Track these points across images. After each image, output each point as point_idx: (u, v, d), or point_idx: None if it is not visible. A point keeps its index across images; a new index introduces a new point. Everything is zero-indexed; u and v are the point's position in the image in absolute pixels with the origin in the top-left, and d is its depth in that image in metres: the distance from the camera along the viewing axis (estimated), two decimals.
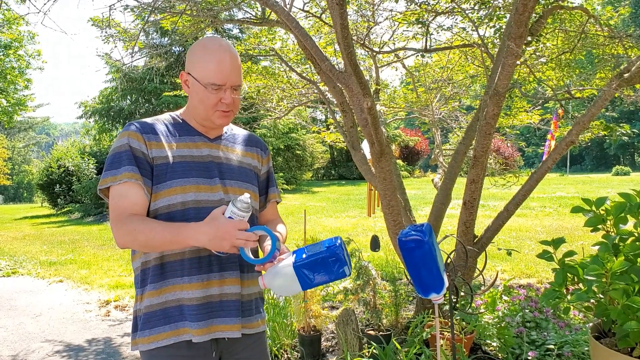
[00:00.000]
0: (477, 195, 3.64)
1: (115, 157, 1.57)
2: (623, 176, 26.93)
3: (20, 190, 49.23)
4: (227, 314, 1.61)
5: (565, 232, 9.27)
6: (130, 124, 1.63)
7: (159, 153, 1.60)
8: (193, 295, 1.57)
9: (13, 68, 21.61)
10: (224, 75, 1.59)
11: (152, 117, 1.70)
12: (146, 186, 1.57)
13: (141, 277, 1.63)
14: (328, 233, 10.06)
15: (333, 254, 1.45)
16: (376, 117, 3.15)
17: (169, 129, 1.67)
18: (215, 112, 1.63)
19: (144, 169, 1.58)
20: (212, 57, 1.59)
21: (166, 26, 4.83)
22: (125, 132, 1.60)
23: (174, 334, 1.58)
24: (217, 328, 1.60)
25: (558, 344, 3.29)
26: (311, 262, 1.46)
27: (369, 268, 4.05)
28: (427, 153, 29.71)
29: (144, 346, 1.59)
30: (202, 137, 1.70)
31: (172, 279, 1.58)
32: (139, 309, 1.63)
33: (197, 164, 1.64)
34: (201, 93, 1.61)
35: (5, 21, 19.08)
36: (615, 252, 1.90)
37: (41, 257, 9.29)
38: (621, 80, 3.25)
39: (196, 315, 1.57)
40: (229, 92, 1.61)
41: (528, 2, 2.77)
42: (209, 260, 1.60)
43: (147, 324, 1.59)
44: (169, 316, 1.58)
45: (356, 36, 4.93)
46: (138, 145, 1.58)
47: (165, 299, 1.58)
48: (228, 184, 1.67)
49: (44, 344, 4.55)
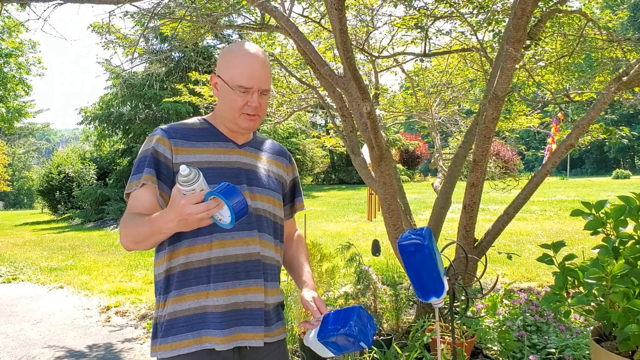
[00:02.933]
0: (477, 199, 3.64)
1: (141, 162, 1.59)
2: (623, 179, 26.91)
3: (20, 197, 49.19)
4: (252, 322, 1.60)
5: (566, 236, 9.26)
6: (158, 128, 1.64)
7: (185, 158, 1.59)
8: (218, 302, 1.56)
9: (13, 77, 21.70)
10: (252, 78, 1.59)
11: (180, 122, 1.70)
12: (161, 190, 1.57)
13: (164, 283, 1.61)
14: (328, 237, 10.05)
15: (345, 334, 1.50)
16: (376, 122, 3.16)
17: (197, 134, 1.66)
18: (241, 116, 1.62)
19: (163, 173, 1.58)
20: (242, 60, 1.60)
21: (166, 32, 4.84)
22: (152, 137, 1.62)
23: (197, 342, 1.55)
24: (241, 336, 1.58)
25: (559, 347, 3.28)
26: (329, 339, 1.53)
27: (369, 272, 4.05)
28: (427, 157, 29.70)
29: (165, 353, 1.57)
30: (230, 142, 1.69)
31: (197, 286, 1.57)
32: (160, 316, 1.61)
33: (225, 170, 1.63)
34: (229, 96, 1.61)
35: (5, 28, 19.14)
36: (616, 255, 1.89)
37: (42, 263, 9.28)
38: (620, 83, 3.25)
39: (220, 323, 1.55)
40: (256, 96, 1.60)
41: (527, 6, 2.78)
42: (235, 268, 1.58)
43: (169, 331, 1.57)
44: (192, 324, 1.56)
45: (355, 41, 4.94)
46: (163, 149, 1.59)
47: (189, 306, 1.56)
48: (255, 190, 1.66)
49: (45, 350, 4.54)
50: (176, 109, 18.23)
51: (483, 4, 4.26)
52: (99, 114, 20.51)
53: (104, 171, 21.63)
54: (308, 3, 4.83)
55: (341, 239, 8.97)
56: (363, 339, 1.50)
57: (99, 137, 22.52)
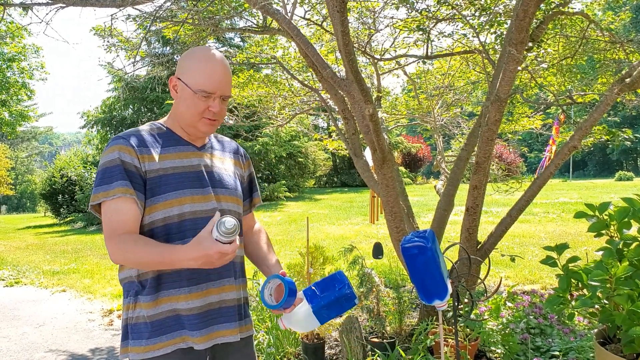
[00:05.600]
0: (480, 201, 3.63)
1: (107, 172, 1.54)
2: (626, 181, 26.83)
3: (23, 200, 49.29)
4: (227, 319, 1.65)
5: (569, 238, 9.23)
6: (117, 137, 1.60)
7: (151, 166, 1.59)
8: (192, 305, 1.58)
9: (16, 81, 21.75)
10: (215, 83, 1.59)
11: (134, 128, 1.68)
12: (139, 200, 1.55)
13: (135, 287, 1.61)
14: (331, 240, 10.04)
15: (345, 294, 1.59)
16: (378, 124, 3.15)
17: (156, 140, 1.65)
18: (201, 120, 1.63)
19: (136, 183, 1.55)
20: (205, 64, 1.60)
21: (168, 35, 4.85)
22: (114, 146, 1.57)
23: (170, 344, 1.58)
24: (218, 334, 1.62)
25: (563, 350, 3.27)
26: (328, 303, 1.59)
27: (372, 275, 4.04)
28: (429, 160, 29.69)
29: (138, 355, 1.58)
30: (190, 146, 1.69)
31: (168, 290, 1.58)
32: (130, 317, 1.61)
33: (189, 174, 1.63)
34: (190, 99, 1.61)
35: (8, 32, 19.21)
36: (619, 258, 1.89)
37: (44, 266, 9.29)
38: (623, 85, 3.25)
39: (197, 324, 1.57)
40: (218, 101, 1.61)
41: (529, 8, 2.77)
42: (207, 270, 1.59)
43: (141, 334, 1.58)
44: (167, 326, 1.58)
45: (357, 43, 4.94)
46: (130, 159, 1.55)
47: (162, 309, 1.58)
48: (220, 192, 1.68)
49: (47, 354, 4.54)
50: None
51: (485, 6, 4.26)
52: (101, 118, 20.58)
53: None
54: (310, 6, 4.83)
55: (344, 242, 8.96)
56: (355, 296, 1.61)
57: (102, 141, 22.58)
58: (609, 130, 4.46)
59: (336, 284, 1.60)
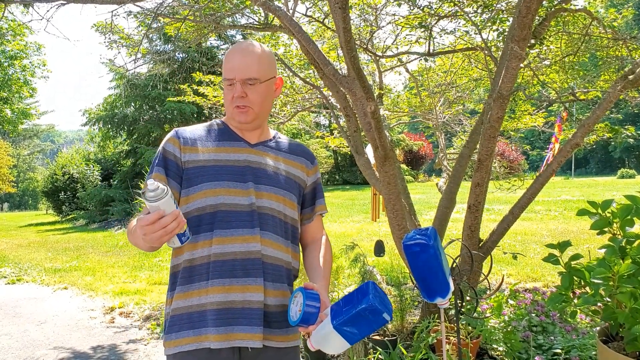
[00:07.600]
0: (482, 199, 3.62)
1: (152, 162, 1.66)
2: (628, 179, 26.81)
3: (25, 198, 49.39)
4: (249, 322, 1.55)
5: (571, 236, 9.22)
6: (174, 129, 1.71)
7: (192, 157, 1.63)
8: (215, 299, 1.55)
9: (18, 79, 21.77)
10: (231, 69, 1.62)
11: (198, 124, 1.77)
12: (170, 187, 1.55)
13: (171, 280, 1.63)
14: (333, 238, 10.04)
15: (367, 308, 1.37)
16: (380, 121, 3.14)
17: (209, 134, 1.70)
18: (234, 109, 1.65)
19: (172, 171, 1.62)
20: (227, 55, 1.65)
21: (169, 32, 4.84)
22: (167, 137, 1.68)
23: (196, 340, 1.55)
24: (237, 336, 1.54)
25: (565, 348, 3.27)
26: (349, 319, 1.38)
27: (374, 273, 4.04)
28: (431, 157, 29.66)
29: (169, 350, 1.59)
30: (243, 142, 1.70)
31: (198, 283, 1.57)
32: (167, 313, 1.63)
33: (231, 167, 1.63)
34: (224, 91, 1.68)
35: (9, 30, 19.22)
36: (622, 255, 1.88)
37: (46, 264, 9.31)
38: (626, 82, 3.24)
39: (216, 321, 1.54)
40: (239, 86, 1.61)
41: (531, 5, 2.76)
42: (233, 266, 1.56)
43: (172, 327, 1.59)
44: (193, 321, 1.56)
45: (359, 40, 4.93)
46: (172, 148, 1.64)
47: (191, 303, 1.57)
48: (263, 189, 1.64)
49: (49, 352, 4.54)
50: (180, 109, 18.25)
51: (487, 2, 4.24)
52: (103, 115, 20.57)
53: (108, 172, 21.70)
54: (312, 2, 4.82)
55: (345, 240, 8.96)
56: (386, 310, 1.39)
57: (103, 139, 22.59)
58: (611, 127, 4.45)
59: (360, 296, 1.40)
